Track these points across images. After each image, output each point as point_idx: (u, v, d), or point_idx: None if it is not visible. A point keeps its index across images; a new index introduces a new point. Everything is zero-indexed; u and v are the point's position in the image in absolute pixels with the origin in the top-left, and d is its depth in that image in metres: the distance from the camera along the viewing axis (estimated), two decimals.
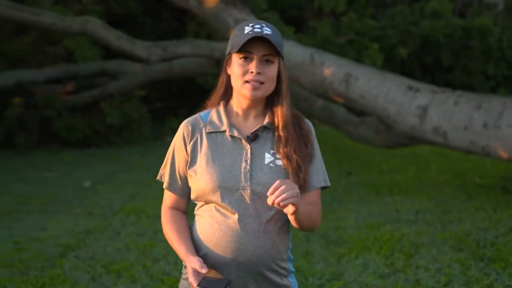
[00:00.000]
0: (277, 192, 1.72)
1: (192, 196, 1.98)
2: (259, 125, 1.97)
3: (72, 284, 4.28)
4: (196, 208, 1.99)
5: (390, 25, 13.19)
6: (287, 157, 1.93)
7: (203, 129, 1.97)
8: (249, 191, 1.89)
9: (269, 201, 1.73)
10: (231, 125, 1.95)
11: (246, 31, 1.92)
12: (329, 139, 8.89)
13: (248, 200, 1.89)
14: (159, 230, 5.46)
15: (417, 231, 5.32)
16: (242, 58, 1.91)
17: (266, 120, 1.97)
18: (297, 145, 1.97)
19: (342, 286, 4.14)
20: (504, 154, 5.54)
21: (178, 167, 1.99)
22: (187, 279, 1.88)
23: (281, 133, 1.96)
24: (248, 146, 1.93)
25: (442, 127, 5.89)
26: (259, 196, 1.89)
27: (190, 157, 1.96)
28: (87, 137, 9.77)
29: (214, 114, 2.00)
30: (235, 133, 1.94)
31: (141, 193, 6.75)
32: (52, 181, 7.46)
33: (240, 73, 1.91)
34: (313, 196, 1.99)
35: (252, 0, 10.66)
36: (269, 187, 1.77)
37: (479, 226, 5.42)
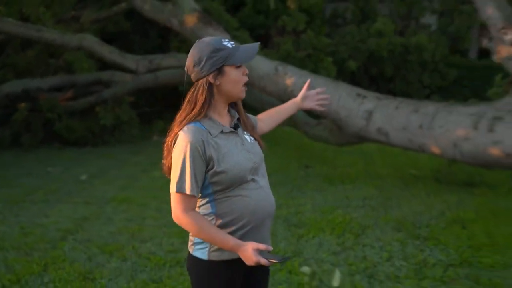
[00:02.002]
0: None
1: (218, 188, 1.99)
2: (233, 118, 2.11)
3: (71, 263, 4.26)
4: (216, 196, 2.01)
5: (341, 42, 13.27)
6: (253, 132, 2.18)
7: (209, 135, 1.97)
8: (256, 163, 2.06)
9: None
10: (221, 125, 2.03)
11: (229, 45, 2.01)
12: (290, 137, 8.92)
13: (258, 168, 2.07)
14: (146, 216, 5.46)
15: (364, 214, 5.39)
16: (238, 67, 2.01)
17: (232, 114, 2.13)
18: (250, 123, 2.23)
19: (302, 262, 4.16)
20: (436, 150, 5.61)
21: (197, 174, 1.95)
22: (218, 249, 2.00)
23: (244, 119, 2.15)
24: (237, 135, 2.07)
25: (385, 128, 5.94)
26: (260, 163, 2.10)
27: (215, 159, 1.96)
28: (84, 137, 9.71)
29: (206, 122, 2.00)
30: (227, 130, 2.03)
31: (131, 185, 6.73)
32: (54, 175, 7.41)
33: (240, 79, 2.02)
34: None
35: (225, 20, 10.66)
36: (261, 156, 2.13)
37: (415, 211, 5.50)
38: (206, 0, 11.73)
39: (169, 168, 2.02)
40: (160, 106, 11.77)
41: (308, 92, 2.57)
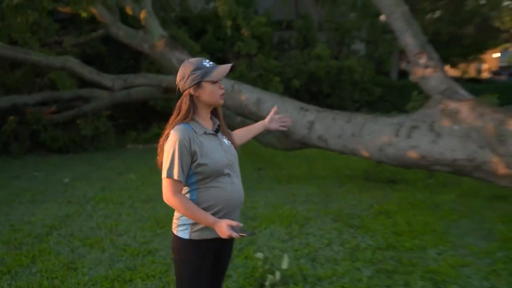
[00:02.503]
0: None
1: (199, 178, 2.16)
2: (215, 123, 2.28)
3: (56, 255, 4.16)
4: (198, 185, 2.16)
5: (287, 64, 13.42)
6: (230, 137, 2.33)
7: (195, 134, 2.15)
8: (231, 161, 2.22)
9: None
10: (204, 127, 2.20)
11: (207, 65, 2.20)
12: (246, 145, 8.87)
13: (233, 166, 2.23)
14: (122, 213, 5.38)
15: (307, 208, 5.43)
16: (214, 82, 2.18)
17: (214, 120, 2.28)
18: (228, 130, 2.37)
19: (256, 249, 4.17)
20: (365, 154, 5.72)
21: (183, 164, 2.10)
22: (199, 229, 2.15)
23: (223, 126, 2.30)
24: (217, 137, 2.23)
25: (324, 135, 6.02)
26: (234, 162, 2.25)
27: (199, 153, 2.13)
28: (67, 145, 9.48)
29: (193, 124, 2.19)
30: (210, 132, 2.21)
31: (108, 186, 6.61)
32: (40, 179, 7.21)
33: (214, 91, 2.18)
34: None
35: (189, 45, 10.62)
36: (236, 157, 2.29)
37: (349, 204, 5.59)
38: (172, 28, 11.68)
39: (162, 163, 2.16)
40: (133, 118, 11.63)
41: (274, 116, 2.67)
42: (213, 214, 2.12)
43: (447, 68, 31.56)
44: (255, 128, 2.67)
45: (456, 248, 4.20)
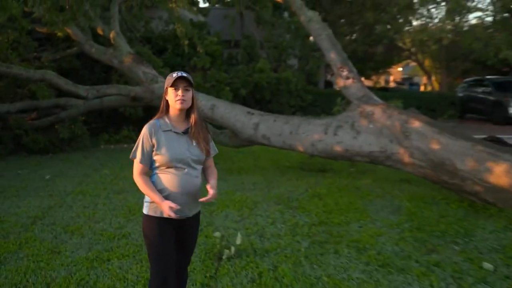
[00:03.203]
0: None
1: (157, 164, 2.19)
2: (186, 125, 2.25)
3: (41, 241, 3.96)
4: (157, 171, 2.21)
5: (235, 76, 13.38)
6: (197, 141, 2.25)
7: (159, 129, 2.19)
8: (190, 158, 2.20)
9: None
10: (173, 126, 2.22)
11: (174, 75, 2.20)
12: None
13: (190, 162, 2.20)
14: (98, 203, 5.19)
15: (255, 194, 5.44)
16: (174, 89, 2.18)
17: (189, 122, 2.26)
18: (204, 135, 2.29)
19: (214, 229, 4.14)
20: (301, 149, 5.82)
21: (146, 150, 2.19)
22: (154, 207, 2.19)
23: (194, 130, 2.25)
24: (184, 136, 2.22)
25: (267, 134, 6.06)
26: (194, 161, 2.22)
27: (156, 144, 2.17)
28: (47, 147, 9.01)
29: (162, 121, 2.23)
30: (177, 130, 2.21)
31: (85, 181, 6.35)
32: (23, 176, 6.81)
33: (174, 97, 2.18)
34: (211, 160, 2.38)
35: (153, 60, 10.39)
36: (199, 157, 2.24)
37: (289, 190, 5.64)
38: (137, 46, 11.38)
39: None
40: (105, 123, 11.22)
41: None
42: (165, 196, 2.16)
43: (363, 79, 32.60)
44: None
45: (373, 221, 4.36)
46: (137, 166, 2.21)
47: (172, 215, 2.09)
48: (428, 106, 15.98)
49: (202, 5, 19.02)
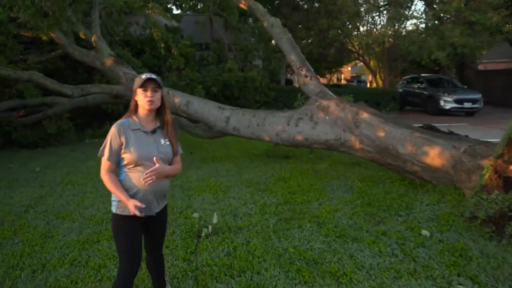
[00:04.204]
0: (148, 173, 1.96)
1: (125, 163, 2.02)
2: (155, 125, 2.11)
3: (34, 227, 3.83)
4: (126, 169, 2.03)
5: (207, 76, 13.21)
6: (170, 140, 2.12)
7: (128, 128, 2.03)
8: (158, 157, 2.03)
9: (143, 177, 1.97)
10: (142, 126, 2.07)
11: (143, 77, 2.04)
12: (180, 136, 8.70)
13: (156, 161, 2.00)
14: (86, 192, 5.05)
15: (227, 180, 5.43)
16: (143, 90, 2.04)
17: (158, 122, 2.12)
18: (174, 134, 2.16)
19: (192, 211, 4.12)
20: (267, 138, 5.82)
21: (114, 148, 2.00)
22: (122, 206, 2.01)
23: (167, 129, 2.12)
24: (153, 136, 2.07)
25: (237, 126, 6.03)
26: (162, 159, 2.07)
27: (125, 143, 2.00)
28: (36, 142, 8.64)
29: (131, 120, 2.06)
30: (145, 130, 2.07)
31: (72, 172, 6.15)
32: (14, 169, 6.52)
33: (143, 97, 2.04)
34: (178, 158, 2.19)
35: (132, 62, 10.10)
36: (167, 155, 2.08)
37: (257, 175, 5.65)
38: (118, 48, 11.03)
39: None
40: (89, 119, 10.85)
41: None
42: (132, 195, 2.00)
43: (319, 77, 32.93)
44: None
45: (330, 199, 4.44)
46: (104, 164, 2.02)
47: (138, 213, 1.93)
48: (374, 100, 16.40)
49: (175, 11, 18.56)
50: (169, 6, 14.92)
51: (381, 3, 16.91)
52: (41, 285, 2.77)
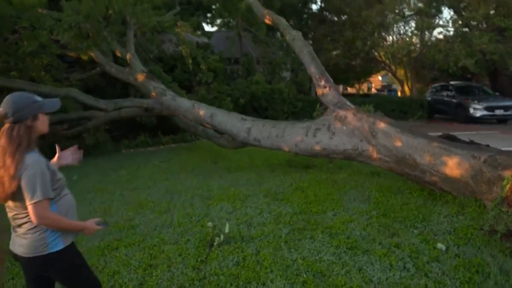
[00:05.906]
0: None
1: (58, 191, 1.84)
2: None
3: None
4: (56, 199, 1.81)
5: (235, 88, 13.31)
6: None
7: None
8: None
9: None
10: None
11: (42, 99, 1.84)
12: (205, 146, 8.78)
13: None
14: (114, 200, 5.13)
15: (247, 189, 5.36)
16: (46, 114, 1.85)
17: None
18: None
19: (209, 219, 4.09)
20: (287, 149, 5.75)
21: (48, 184, 1.76)
22: (65, 238, 1.80)
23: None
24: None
25: (258, 137, 6.00)
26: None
27: (53, 173, 1.86)
28: None
29: (35, 150, 1.83)
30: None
31: (103, 180, 6.32)
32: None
33: (46, 121, 1.88)
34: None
35: (163, 77, 10.36)
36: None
37: (276, 184, 5.55)
38: (152, 64, 11.37)
39: (16, 191, 1.73)
40: (125, 130, 11.21)
41: (62, 153, 2.21)
42: (70, 218, 1.84)
43: (347, 87, 32.33)
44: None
45: (346, 210, 4.28)
46: (46, 205, 1.70)
47: (100, 228, 1.89)
48: (402, 109, 15.87)
49: (206, 28, 18.97)
50: (201, 23, 15.27)
51: (407, 13, 16.42)
52: None
